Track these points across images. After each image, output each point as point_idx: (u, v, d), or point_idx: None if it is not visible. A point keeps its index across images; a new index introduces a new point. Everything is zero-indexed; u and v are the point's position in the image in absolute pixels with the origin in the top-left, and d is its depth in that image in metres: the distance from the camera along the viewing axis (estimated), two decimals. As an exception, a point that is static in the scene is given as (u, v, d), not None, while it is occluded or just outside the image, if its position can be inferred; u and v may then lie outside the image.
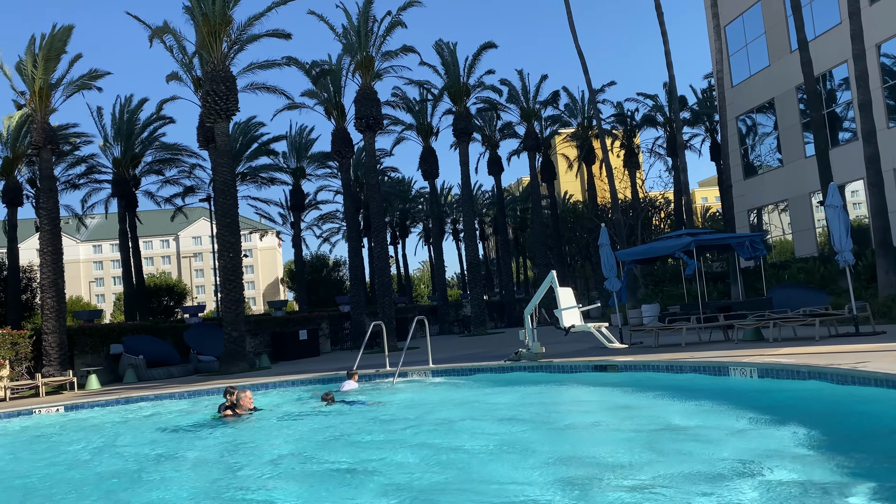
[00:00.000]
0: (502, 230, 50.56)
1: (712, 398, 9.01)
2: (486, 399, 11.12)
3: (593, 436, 7.63)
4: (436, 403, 11.24)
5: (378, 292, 28.24)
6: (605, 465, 6.12)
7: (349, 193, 33.25)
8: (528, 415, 9.18)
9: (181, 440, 9.44)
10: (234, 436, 9.36)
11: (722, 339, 16.12)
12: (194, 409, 12.68)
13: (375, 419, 9.93)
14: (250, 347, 24.92)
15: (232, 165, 22.66)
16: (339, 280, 61.64)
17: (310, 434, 9.11)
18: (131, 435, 10.34)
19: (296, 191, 45.26)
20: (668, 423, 7.85)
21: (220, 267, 22.38)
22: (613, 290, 18.65)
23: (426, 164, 40.09)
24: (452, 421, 9.14)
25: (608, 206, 46.77)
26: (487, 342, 25.83)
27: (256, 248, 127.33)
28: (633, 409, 9.02)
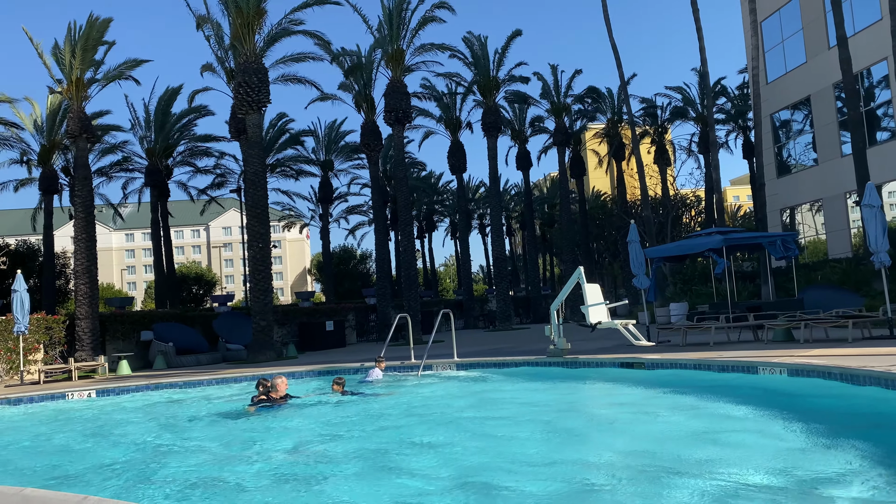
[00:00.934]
0: (529, 226, 50.38)
1: (740, 398, 8.92)
2: (512, 394, 11.14)
3: (616, 433, 7.61)
4: (459, 396, 11.29)
5: (404, 285, 28.37)
6: (627, 462, 6.10)
7: (377, 187, 33.40)
8: (551, 410, 9.18)
9: (218, 425, 9.60)
10: (270, 422, 9.49)
11: (751, 339, 15.92)
12: (225, 396, 12.89)
13: (401, 410, 10.01)
14: (278, 337, 25.20)
15: (263, 157, 22.91)
16: (365, 273, 62.02)
17: (343, 421, 9.21)
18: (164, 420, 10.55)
19: (324, 183, 45.63)
20: (693, 421, 7.80)
21: (249, 257, 22.65)
22: (641, 287, 18.51)
23: (454, 158, 40.08)
24: (477, 413, 9.18)
25: (638, 203, 46.35)
26: (512, 337, 25.81)
27: (285, 239, 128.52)
28: (659, 406, 8.97)
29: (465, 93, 38.77)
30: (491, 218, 36.53)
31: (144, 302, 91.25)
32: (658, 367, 12.15)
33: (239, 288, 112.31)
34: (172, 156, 39.09)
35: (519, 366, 14.20)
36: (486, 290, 52.75)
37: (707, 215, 44.01)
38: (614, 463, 6.01)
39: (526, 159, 46.14)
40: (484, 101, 36.03)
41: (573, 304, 35.45)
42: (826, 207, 27.90)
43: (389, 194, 47.62)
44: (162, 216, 37.66)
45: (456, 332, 17.27)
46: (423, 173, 58.78)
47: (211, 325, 24.22)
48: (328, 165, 45.13)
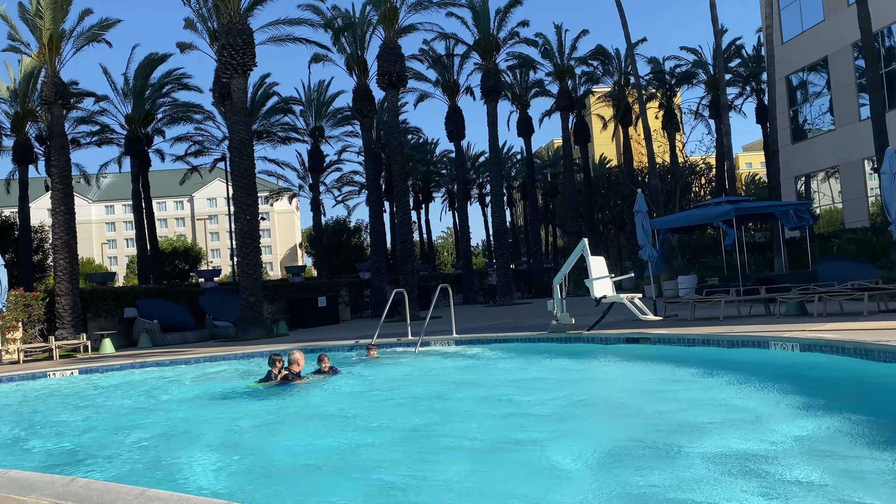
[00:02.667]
0: (531, 196, 50.32)
1: (751, 374, 9.01)
2: (512, 370, 11.23)
3: (621, 412, 7.69)
4: (457, 372, 11.38)
5: (400, 259, 28.42)
6: (632, 442, 6.18)
7: (370, 154, 33.27)
8: (553, 387, 9.26)
9: (222, 404, 9.67)
10: (282, 399, 9.56)
11: (763, 313, 16.02)
12: (218, 373, 12.98)
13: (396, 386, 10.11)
14: (267, 314, 25.30)
15: (248, 123, 22.78)
16: (359, 246, 62.01)
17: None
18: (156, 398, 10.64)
19: (314, 151, 45.39)
20: (701, 399, 7.88)
21: (236, 230, 22.63)
22: (648, 259, 18.56)
23: (452, 124, 39.87)
24: (476, 389, 9.27)
25: (645, 171, 46.22)
26: (514, 312, 25.94)
27: (273, 211, 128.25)
28: (666, 383, 9.05)
29: (463, 54, 38.45)
30: (491, 187, 36.47)
31: (127, 277, 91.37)
32: (665, 342, 12.22)
33: (226, 262, 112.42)
34: (153, 122, 38.82)
35: (520, 342, 14.30)
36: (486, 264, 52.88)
37: (718, 183, 43.97)
38: (619, 443, 6.08)
39: (527, 125, 45.92)
40: (483, 64, 35.75)
41: (577, 278, 35.57)
42: (843, 175, 27.88)
43: (384, 163, 47.43)
44: (143, 187, 37.54)
45: (455, 307, 17.36)
46: (419, 140, 58.53)
47: (197, 302, 24.29)
48: (318, 132, 44.87)
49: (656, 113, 47.25)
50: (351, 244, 61.26)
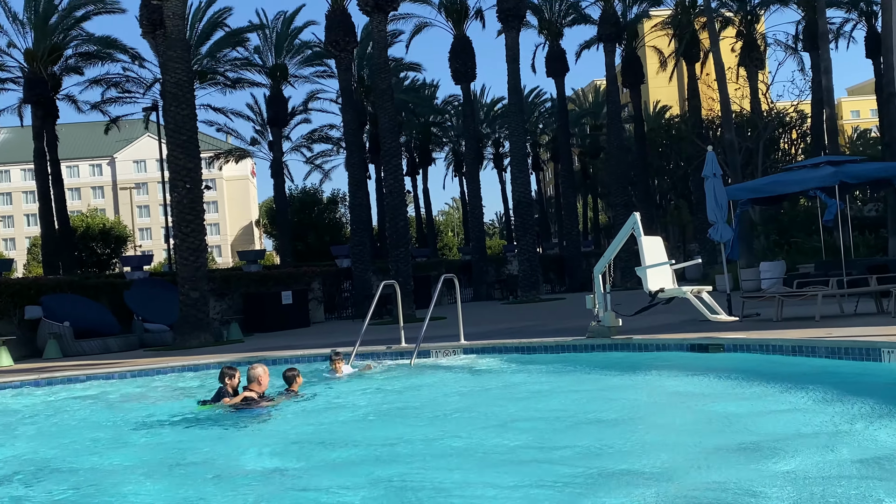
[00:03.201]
0: (565, 156, 50.26)
1: (857, 393, 8.98)
2: (539, 390, 11.23)
3: (686, 443, 7.69)
4: (466, 392, 11.39)
5: (390, 241, 28.45)
6: (705, 482, 6.18)
7: (350, 102, 33.25)
8: (596, 412, 9.26)
9: (153, 433, 9.70)
10: (232, 430, 9.58)
11: (873, 311, 15.99)
12: (152, 392, 13.03)
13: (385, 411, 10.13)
14: (215, 314, 25.37)
15: (188, 60, 22.74)
16: (335, 223, 62.08)
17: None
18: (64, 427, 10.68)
19: (275, 98, 45.38)
20: (792, 425, 7.87)
21: (172, 203, 22.62)
22: (721, 241, 18.49)
23: (458, 60, 39.78)
24: (489, 418, 9.27)
25: (717, 122, 46.06)
26: (541, 311, 25.96)
27: (222, 178, 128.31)
28: (745, 404, 9.05)
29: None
30: (510, 145, 36.40)
31: (29, 266, 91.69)
32: (743, 349, 12.19)
33: (159, 246, 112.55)
34: (61, 61, 38.80)
35: (550, 350, 14.28)
36: (504, 248, 52.99)
37: (814, 138, 43.81)
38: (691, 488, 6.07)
39: (560, 62, 45.75)
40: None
41: (625, 265, 35.55)
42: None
43: (368, 113, 47.35)
44: (49, 145, 37.62)
45: (463, 304, 17.36)
46: (415, 83, 58.35)
47: (122, 298, 24.35)
48: (280, 73, 44.79)
49: (732, 45, 47.00)
50: (325, 222, 61.32)
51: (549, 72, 46.38)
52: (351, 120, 33.27)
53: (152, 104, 42.02)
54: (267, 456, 8.06)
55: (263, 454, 8.16)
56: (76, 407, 12.35)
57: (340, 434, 9.07)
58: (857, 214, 29.32)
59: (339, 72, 33.40)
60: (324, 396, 11.40)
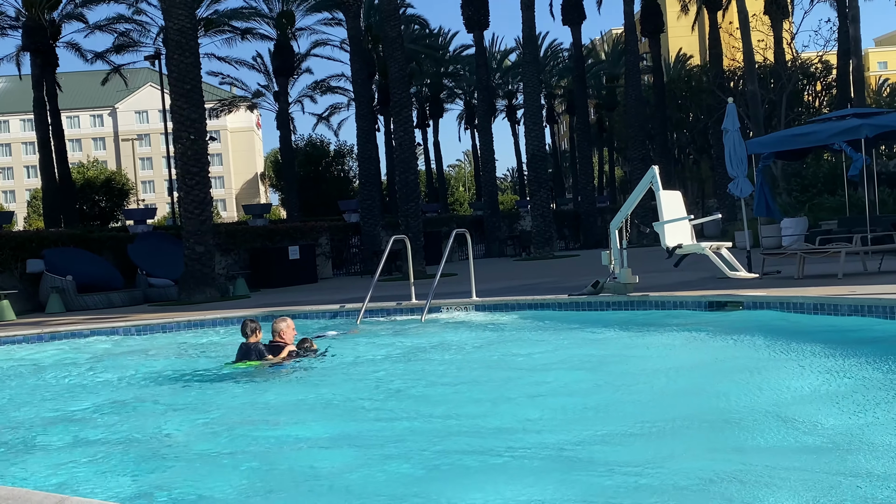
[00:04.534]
0: (581, 108, 49.99)
1: (881, 351, 8.99)
2: (555, 347, 11.29)
3: (705, 403, 7.73)
4: (479, 348, 11.46)
5: (399, 196, 28.43)
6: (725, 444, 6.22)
7: (358, 52, 33.01)
8: (610, 372, 9.30)
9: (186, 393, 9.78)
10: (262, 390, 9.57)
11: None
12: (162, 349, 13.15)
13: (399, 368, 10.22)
14: (221, 269, 25.47)
15: (192, 6, 22.56)
16: (343, 177, 62.09)
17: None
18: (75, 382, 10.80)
19: (281, 48, 45.13)
20: (813, 384, 7.90)
21: (176, 154, 22.62)
22: (741, 196, 18.43)
23: (470, 7, 39.42)
24: (503, 374, 9.34)
25: (739, 73, 45.60)
26: (555, 268, 25.98)
27: (227, 129, 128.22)
28: (764, 363, 9.07)
29: None
30: (525, 97, 36.15)
31: (29, 219, 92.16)
32: (762, 306, 12.22)
33: (163, 199, 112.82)
34: (62, 6, 38.60)
35: (565, 308, 14.32)
36: (518, 203, 52.95)
37: (840, 90, 43.30)
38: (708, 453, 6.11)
39: (577, 8, 45.31)
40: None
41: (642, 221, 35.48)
42: None
43: (376, 63, 47.07)
44: (49, 95, 37.57)
45: (475, 261, 17.40)
46: (426, 32, 57.88)
47: (125, 252, 24.45)
48: (287, 20, 44.49)
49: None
50: (332, 175, 61.32)
51: (565, 20, 45.93)
52: (359, 70, 33.06)
53: (155, 52, 41.86)
54: (308, 411, 8.15)
55: (304, 409, 8.24)
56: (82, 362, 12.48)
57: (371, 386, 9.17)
58: (882, 169, 29.11)
59: (347, 19, 33.10)
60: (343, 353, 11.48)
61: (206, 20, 40.81)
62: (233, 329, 13.04)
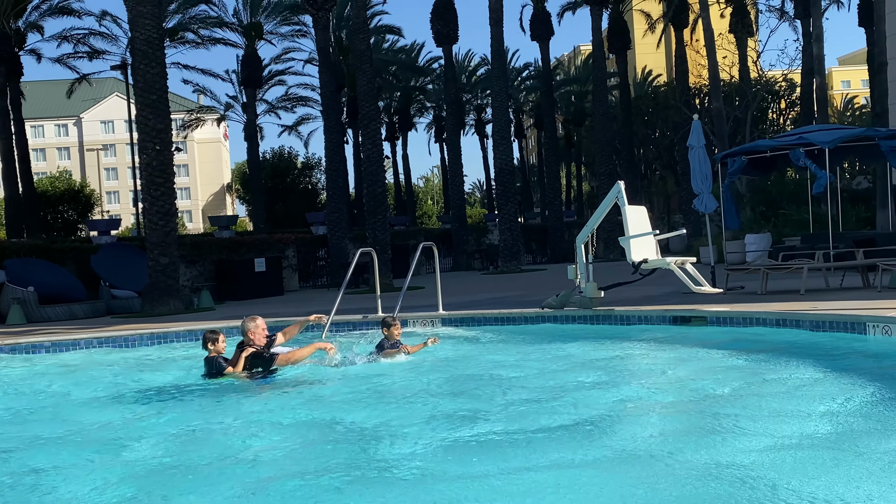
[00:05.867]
0: (549, 123, 50.25)
1: (841, 366, 9.10)
2: (518, 362, 11.29)
3: (668, 418, 7.76)
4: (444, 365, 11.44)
5: (367, 208, 28.39)
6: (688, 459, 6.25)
7: (327, 63, 32.99)
8: (575, 387, 9.31)
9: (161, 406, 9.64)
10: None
11: (860, 285, 16.16)
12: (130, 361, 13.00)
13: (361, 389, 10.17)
14: (185, 280, 25.29)
15: (159, 15, 22.45)
16: (311, 189, 61.96)
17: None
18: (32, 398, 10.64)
19: (249, 58, 45.01)
20: (774, 398, 7.96)
21: (141, 165, 22.44)
22: (706, 212, 18.61)
23: (440, 21, 39.54)
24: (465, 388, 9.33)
25: (705, 91, 46.12)
26: (522, 282, 26.03)
27: (193, 140, 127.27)
28: (727, 378, 9.13)
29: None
30: (493, 111, 36.29)
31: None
32: (725, 322, 12.32)
33: (128, 210, 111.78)
34: (26, 14, 38.27)
35: (531, 321, 14.35)
36: (486, 216, 52.99)
37: (804, 108, 43.93)
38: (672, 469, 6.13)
39: (545, 24, 45.61)
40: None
41: (608, 236, 35.70)
42: (974, 99, 27.93)
43: (345, 75, 47.06)
44: (13, 103, 37.17)
45: (442, 273, 17.41)
46: (395, 45, 58.03)
47: (88, 263, 24.22)
48: (255, 31, 44.39)
49: (722, 10, 46.95)
50: (300, 187, 61.18)
51: (533, 35, 46.21)
52: (328, 82, 33.02)
53: (121, 61, 41.55)
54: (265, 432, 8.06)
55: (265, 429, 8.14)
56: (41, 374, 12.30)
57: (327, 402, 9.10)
58: (846, 187, 29.53)
59: (316, 31, 33.09)
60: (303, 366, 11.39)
61: (172, 29, 40.60)
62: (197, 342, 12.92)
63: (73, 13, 39.58)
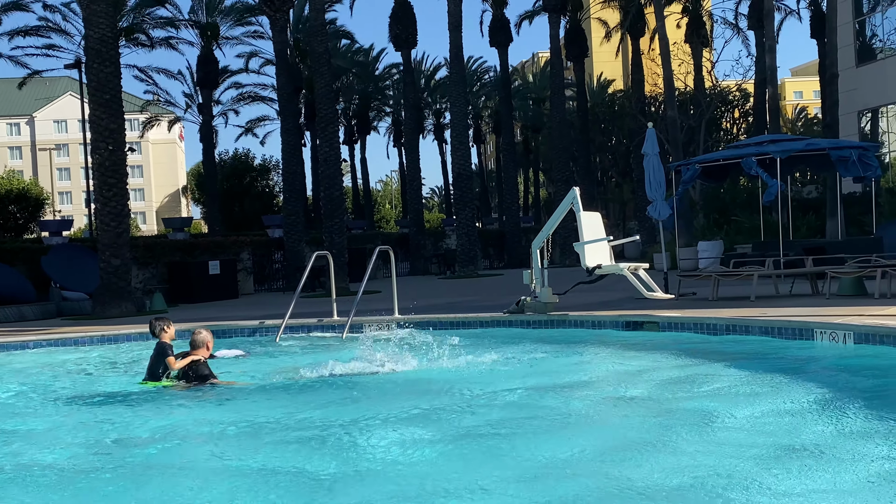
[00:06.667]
0: (507, 129, 50.43)
1: (789, 372, 9.23)
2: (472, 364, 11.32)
3: (619, 421, 7.83)
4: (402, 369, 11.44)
5: (324, 212, 28.29)
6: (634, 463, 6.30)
7: (284, 66, 32.83)
8: (528, 390, 9.34)
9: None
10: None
11: (808, 292, 16.41)
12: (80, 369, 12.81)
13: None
14: (138, 282, 25.03)
15: (113, 15, 22.22)
16: (268, 192, 61.55)
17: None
18: None
19: (206, 59, 44.66)
20: (725, 403, 8.05)
21: (93, 165, 22.18)
22: (659, 219, 18.80)
23: (399, 25, 39.52)
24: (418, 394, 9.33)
25: (660, 99, 46.63)
26: (479, 287, 26.10)
27: (148, 141, 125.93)
28: (678, 383, 9.23)
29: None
30: (451, 117, 36.35)
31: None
32: (677, 328, 12.49)
33: (80, 211, 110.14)
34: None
35: (485, 326, 14.39)
36: (444, 221, 53.11)
37: (757, 118, 44.63)
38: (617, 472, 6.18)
39: (504, 31, 45.82)
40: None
41: (564, 242, 35.92)
42: (921, 111, 28.55)
43: (303, 78, 46.89)
44: (-38, 102, 36.49)
45: (399, 278, 17.43)
46: (353, 49, 57.91)
47: (39, 264, 23.88)
48: (212, 32, 44.05)
49: (678, 20, 47.52)
50: (256, 190, 60.75)
51: (492, 42, 46.37)
52: (285, 84, 32.85)
53: (76, 61, 40.98)
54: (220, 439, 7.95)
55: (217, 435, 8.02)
56: None
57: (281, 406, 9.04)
58: (797, 195, 30.03)
59: (273, 33, 32.92)
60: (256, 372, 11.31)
61: (127, 29, 40.13)
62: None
63: (26, 9, 38.99)
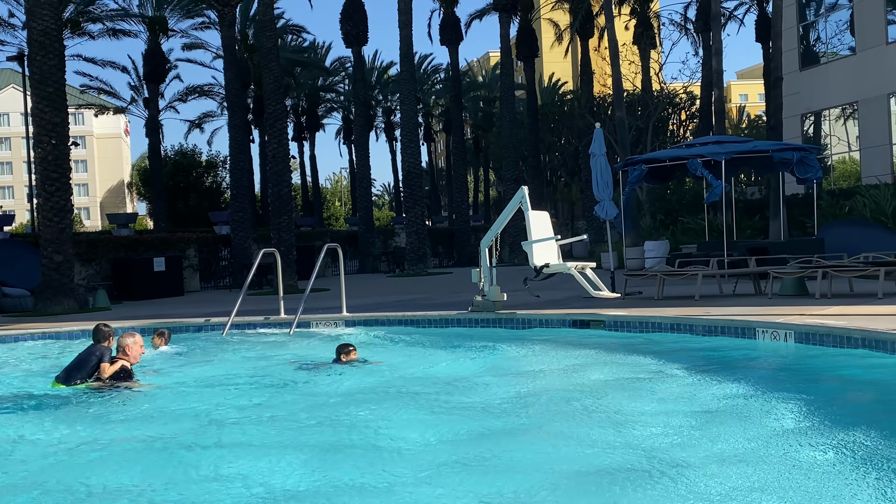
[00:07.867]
0: (457, 128, 50.55)
1: (731, 370, 9.39)
2: (418, 363, 11.32)
3: (563, 419, 7.88)
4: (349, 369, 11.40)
5: (272, 208, 28.09)
6: (577, 460, 6.35)
7: (232, 61, 32.51)
8: (470, 387, 9.37)
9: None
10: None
11: (751, 291, 16.67)
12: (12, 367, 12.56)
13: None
14: (81, 279, 24.63)
15: (57, 6, 21.80)
16: (215, 188, 60.89)
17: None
18: None
19: (153, 52, 44.05)
20: (668, 401, 8.16)
21: (36, 159, 21.79)
22: (606, 218, 18.97)
23: (350, 21, 39.38)
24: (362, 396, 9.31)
25: (608, 100, 47.03)
26: (428, 285, 26.09)
27: (93, 135, 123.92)
28: (622, 381, 9.33)
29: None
30: (401, 115, 36.32)
31: None
32: (622, 327, 12.59)
33: (22, 206, 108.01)
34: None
35: (433, 324, 14.40)
36: (393, 219, 53.00)
37: (703, 119, 45.21)
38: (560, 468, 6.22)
39: (455, 30, 45.86)
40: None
41: (513, 240, 36.07)
42: (863, 113, 29.14)
43: (251, 73, 46.50)
44: None
45: (347, 276, 17.39)
46: (302, 44, 57.56)
47: (-22, 260, 23.41)
48: (159, 25, 43.46)
49: (627, 22, 47.97)
50: (203, 186, 60.05)
51: (443, 40, 46.42)
52: (233, 79, 32.54)
53: (18, 52, 40.15)
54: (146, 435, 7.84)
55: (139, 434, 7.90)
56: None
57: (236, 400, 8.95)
58: (741, 196, 30.48)
59: (221, 28, 32.58)
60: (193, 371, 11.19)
61: (71, 21, 39.41)
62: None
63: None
